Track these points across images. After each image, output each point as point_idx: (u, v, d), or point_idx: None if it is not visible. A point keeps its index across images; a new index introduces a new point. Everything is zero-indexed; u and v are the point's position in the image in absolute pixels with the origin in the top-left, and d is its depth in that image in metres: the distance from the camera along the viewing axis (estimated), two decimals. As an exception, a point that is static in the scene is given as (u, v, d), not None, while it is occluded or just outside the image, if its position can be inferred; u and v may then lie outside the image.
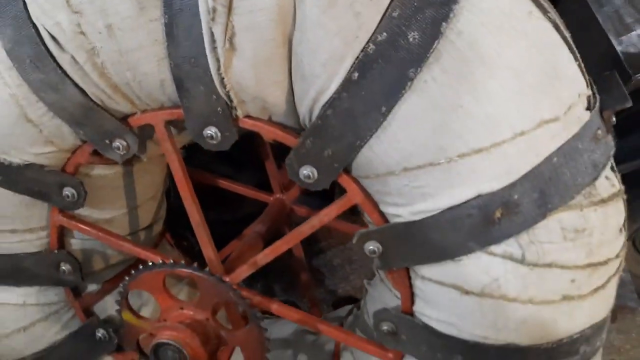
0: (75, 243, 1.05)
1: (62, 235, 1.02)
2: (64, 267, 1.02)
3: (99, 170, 0.97)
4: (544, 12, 0.75)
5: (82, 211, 1.00)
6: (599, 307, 0.82)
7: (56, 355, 1.11)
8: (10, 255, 1.01)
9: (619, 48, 1.10)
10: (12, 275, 1.03)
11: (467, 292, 0.78)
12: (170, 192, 1.27)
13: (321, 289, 1.90)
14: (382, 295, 1.00)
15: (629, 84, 1.11)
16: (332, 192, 1.65)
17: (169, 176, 1.18)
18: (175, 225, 1.37)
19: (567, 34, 0.79)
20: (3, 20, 0.78)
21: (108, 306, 1.14)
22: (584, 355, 0.84)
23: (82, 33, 0.75)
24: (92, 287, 1.12)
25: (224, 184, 1.30)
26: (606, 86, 0.81)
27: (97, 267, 1.10)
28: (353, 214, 1.17)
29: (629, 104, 0.78)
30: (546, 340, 0.79)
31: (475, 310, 0.78)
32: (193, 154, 1.16)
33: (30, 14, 0.76)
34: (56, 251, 1.02)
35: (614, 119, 0.81)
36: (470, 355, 0.83)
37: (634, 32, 1.10)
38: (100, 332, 1.09)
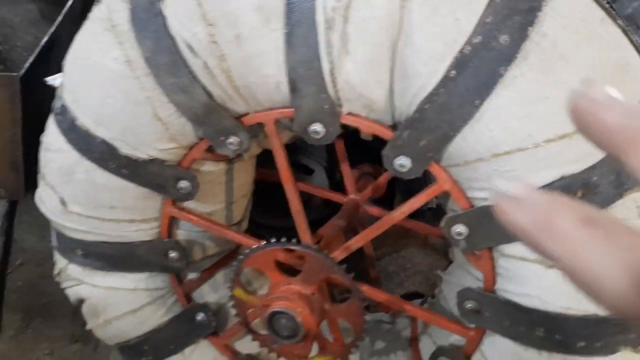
0: (181, 234, 1.18)
1: (170, 226, 1.15)
2: (172, 255, 1.15)
3: (208, 167, 1.09)
4: (614, 19, 0.86)
5: (189, 204, 1.13)
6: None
7: (159, 337, 1.22)
8: (127, 244, 1.14)
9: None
10: (127, 261, 1.16)
11: (550, 266, 0.87)
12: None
13: (379, 293, 2.00)
14: (460, 280, 1.09)
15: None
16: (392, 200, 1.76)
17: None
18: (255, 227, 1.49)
19: (634, 38, 0.89)
20: (144, 34, 0.92)
21: (204, 293, 1.26)
22: (656, 329, 0.92)
23: (215, 42, 0.88)
24: (191, 275, 1.24)
25: (302, 186, 1.42)
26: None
27: (197, 257, 1.22)
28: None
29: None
30: (623, 311, 0.87)
31: (559, 282, 0.87)
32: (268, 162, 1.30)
33: (169, 28, 0.90)
34: (166, 240, 1.14)
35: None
36: (552, 326, 0.91)
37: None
38: (200, 316, 1.20)
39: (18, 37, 2.02)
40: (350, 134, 1.17)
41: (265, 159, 1.25)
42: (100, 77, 0.97)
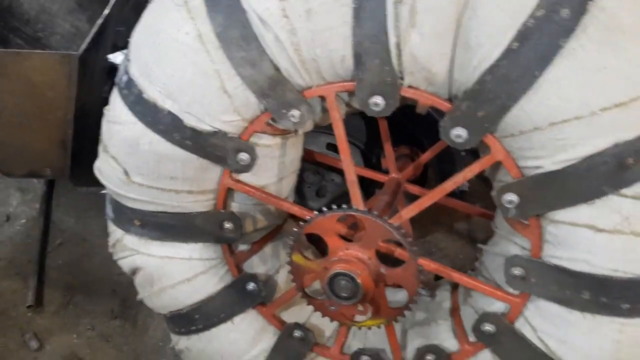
0: (234, 206, 1.23)
1: (226, 198, 1.20)
2: (227, 225, 1.20)
3: (265, 140, 1.14)
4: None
5: (243, 177, 1.18)
6: None
7: (211, 306, 1.27)
8: (185, 214, 1.19)
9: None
10: (184, 231, 1.21)
11: (599, 230, 0.92)
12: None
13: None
14: (504, 250, 1.14)
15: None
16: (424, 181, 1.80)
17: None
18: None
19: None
20: (216, 9, 0.97)
21: (254, 265, 1.31)
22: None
23: (286, 16, 0.93)
24: (242, 247, 1.30)
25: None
26: None
27: (248, 230, 1.26)
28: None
29: None
30: (668, 274, 0.93)
31: (607, 246, 0.92)
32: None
33: (242, 2, 0.95)
34: (222, 211, 1.19)
35: None
36: (598, 289, 0.96)
37: None
38: (251, 285, 1.25)
39: (57, 24, 2.08)
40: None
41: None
42: (171, 51, 1.02)
